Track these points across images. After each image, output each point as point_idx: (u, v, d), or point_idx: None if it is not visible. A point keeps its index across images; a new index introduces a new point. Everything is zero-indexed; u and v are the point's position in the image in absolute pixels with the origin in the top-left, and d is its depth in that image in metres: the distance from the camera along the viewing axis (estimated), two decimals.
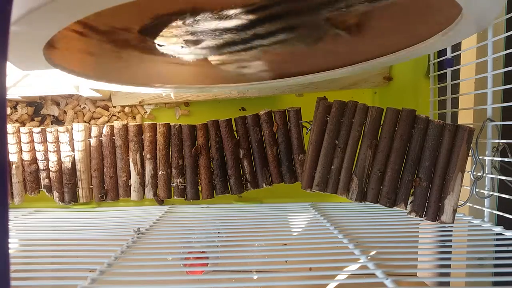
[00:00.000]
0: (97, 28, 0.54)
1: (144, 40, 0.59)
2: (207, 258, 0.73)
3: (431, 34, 0.59)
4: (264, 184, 0.79)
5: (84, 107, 0.96)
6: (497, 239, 0.60)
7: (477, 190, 0.68)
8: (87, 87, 0.81)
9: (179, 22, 0.55)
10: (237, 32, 0.56)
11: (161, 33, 0.57)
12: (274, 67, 0.74)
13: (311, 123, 0.74)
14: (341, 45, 0.64)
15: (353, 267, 0.51)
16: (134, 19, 0.55)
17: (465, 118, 0.83)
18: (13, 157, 0.80)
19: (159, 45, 0.59)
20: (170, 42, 0.59)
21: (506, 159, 0.66)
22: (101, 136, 0.81)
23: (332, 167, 0.70)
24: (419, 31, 0.60)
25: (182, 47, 0.60)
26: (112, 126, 0.81)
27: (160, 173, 0.80)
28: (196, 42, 0.59)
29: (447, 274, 0.76)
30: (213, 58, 0.67)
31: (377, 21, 0.58)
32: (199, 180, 0.81)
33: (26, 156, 0.81)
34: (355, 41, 0.62)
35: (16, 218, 0.79)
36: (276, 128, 0.78)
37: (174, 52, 0.62)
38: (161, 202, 0.89)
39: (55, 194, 0.82)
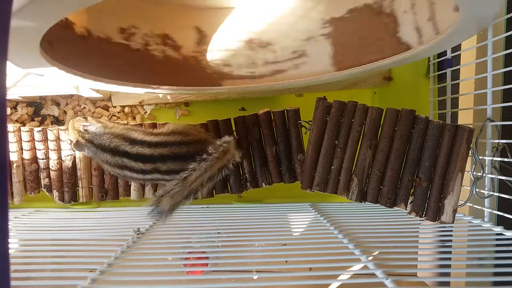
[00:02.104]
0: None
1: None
2: (207, 258, 0.73)
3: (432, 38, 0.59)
4: (263, 184, 0.79)
5: (84, 107, 0.96)
6: (497, 239, 0.60)
7: (477, 190, 0.68)
8: (86, 87, 0.80)
9: None
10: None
11: None
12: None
13: (310, 123, 0.74)
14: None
15: (353, 267, 0.51)
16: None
17: (465, 118, 0.83)
18: (13, 156, 0.80)
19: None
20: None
21: (506, 159, 0.66)
22: None
23: (332, 167, 0.70)
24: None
25: None
26: None
27: None
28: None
29: (447, 274, 0.76)
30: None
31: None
32: None
33: (27, 155, 0.81)
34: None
35: (16, 218, 0.79)
36: (275, 125, 0.78)
37: None
38: None
39: (55, 193, 0.82)
